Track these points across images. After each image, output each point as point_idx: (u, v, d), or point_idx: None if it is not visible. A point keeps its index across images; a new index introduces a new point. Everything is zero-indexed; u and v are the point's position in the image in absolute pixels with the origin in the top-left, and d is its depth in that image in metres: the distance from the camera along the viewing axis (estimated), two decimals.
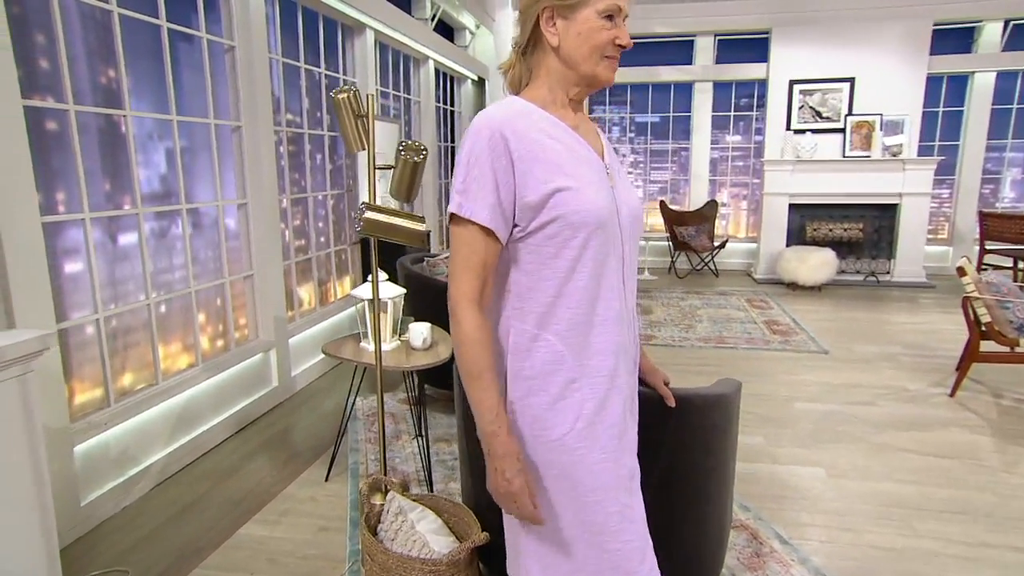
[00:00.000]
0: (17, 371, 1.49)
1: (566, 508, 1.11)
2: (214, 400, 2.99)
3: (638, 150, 7.99)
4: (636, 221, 1.17)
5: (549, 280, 1.07)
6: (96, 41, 2.42)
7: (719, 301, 6.02)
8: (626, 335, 1.14)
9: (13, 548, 1.49)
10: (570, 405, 1.08)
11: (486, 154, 1.03)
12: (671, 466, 1.57)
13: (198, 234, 3.04)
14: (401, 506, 1.76)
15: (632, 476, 1.15)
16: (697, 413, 1.56)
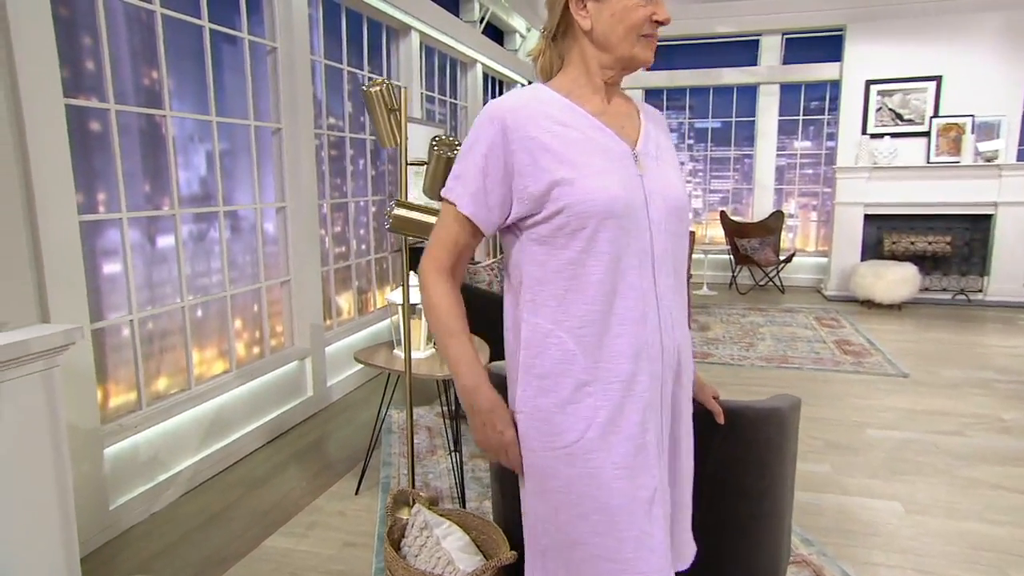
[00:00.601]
0: (42, 365, 1.54)
1: (573, 527, 1.06)
2: (247, 408, 3.05)
3: (697, 157, 7.84)
4: (674, 214, 1.11)
5: (560, 272, 1.05)
6: (140, 42, 2.54)
7: (784, 319, 5.80)
8: (652, 339, 1.07)
9: (32, 543, 1.53)
10: (581, 411, 1.04)
11: (483, 142, 1.06)
12: (717, 483, 1.49)
13: (236, 238, 3.13)
14: (427, 520, 1.73)
15: (653, 501, 1.07)
16: (748, 427, 1.48)
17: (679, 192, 1.13)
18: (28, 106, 1.96)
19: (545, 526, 1.09)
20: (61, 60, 2.13)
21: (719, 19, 7.10)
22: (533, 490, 1.10)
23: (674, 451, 1.17)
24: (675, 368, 1.13)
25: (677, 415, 1.16)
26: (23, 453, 1.50)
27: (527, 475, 1.10)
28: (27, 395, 1.51)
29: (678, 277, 1.15)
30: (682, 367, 1.14)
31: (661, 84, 7.58)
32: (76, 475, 2.18)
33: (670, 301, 1.10)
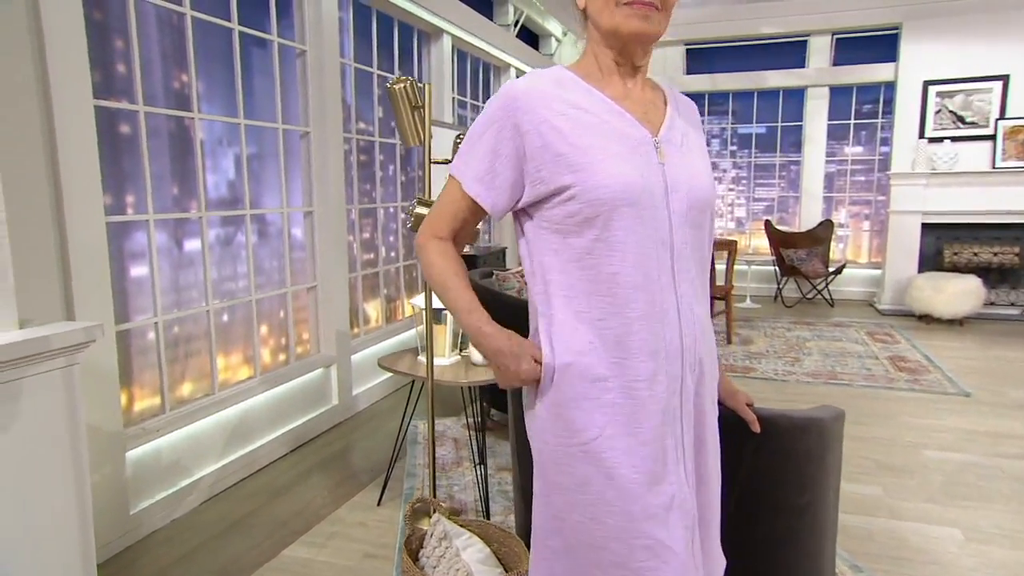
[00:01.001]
0: (63, 362, 1.58)
1: (586, 529, 1.04)
2: (271, 415, 3.09)
3: (741, 164, 7.72)
4: (697, 205, 1.08)
5: (575, 263, 1.04)
6: (170, 45, 2.61)
7: (833, 333, 5.63)
8: (671, 336, 1.04)
9: (49, 543, 1.55)
10: (599, 407, 1.02)
11: (494, 123, 1.05)
12: (750, 497, 1.43)
13: (263, 243, 3.19)
14: (446, 531, 1.71)
15: (671, 508, 1.04)
16: (785, 437, 1.42)
17: (704, 183, 1.10)
18: (58, 107, 2.03)
19: (557, 526, 1.07)
20: (93, 63, 2.21)
21: (764, 20, 7.01)
22: (546, 487, 1.08)
23: (700, 455, 1.13)
24: (696, 368, 1.10)
25: (700, 418, 1.13)
26: (42, 451, 1.54)
27: (540, 471, 1.09)
28: (47, 392, 1.55)
29: (701, 272, 1.12)
30: (704, 367, 1.11)
31: (702, 88, 7.50)
32: (98, 478, 2.22)
33: (691, 297, 1.08)
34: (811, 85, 7.13)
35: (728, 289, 5.20)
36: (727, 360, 4.77)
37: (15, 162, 1.94)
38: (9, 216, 1.92)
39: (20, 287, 1.96)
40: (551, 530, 1.08)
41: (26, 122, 1.97)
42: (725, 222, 7.87)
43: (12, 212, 1.94)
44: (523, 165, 1.04)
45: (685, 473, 1.08)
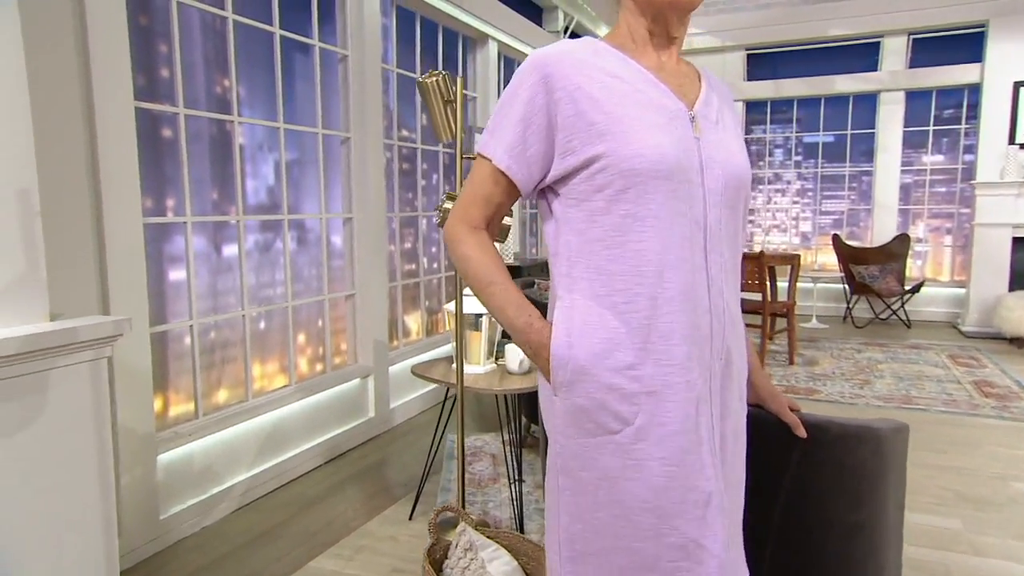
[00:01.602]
0: (91, 355, 1.64)
1: (612, 528, 1.01)
2: (305, 425, 3.13)
3: (806, 175, 7.52)
4: (733, 184, 1.06)
5: (601, 241, 1.02)
6: (212, 49, 2.73)
7: (909, 355, 5.38)
8: (701, 321, 1.02)
9: (70, 533, 1.60)
10: (625, 396, 1.00)
11: (523, 91, 1.04)
12: (793, 512, 1.36)
13: (302, 249, 3.26)
14: (472, 541, 1.68)
15: (708, 505, 1.00)
16: (836, 446, 1.35)
17: (740, 162, 1.08)
18: (100, 107, 2.13)
19: (581, 527, 1.04)
20: (136, 67, 2.32)
21: (833, 21, 6.85)
22: (568, 484, 1.05)
23: (722, 453, 1.09)
24: (724, 356, 1.06)
25: (725, 412, 1.08)
26: (68, 443, 1.59)
27: (562, 468, 1.06)
28: (75, 384, 1.61)
29: (733, 257, 1.10)
30: (732, 357, 1.08)
31: (765, 95, 7.37)
32: (128, 480, 2.29)
33: (721, 282, 1.05)
34: (885, 89, 6.91)
35: (790, 305, 5.04)
36: (788, 381, 4.61)
37: (57, 161, 2.05)
38: (49, 214, 2.03)
39: (57, 284, 2.06)
40: (576, 532, 1.05)
41: (69, 121, 2.08)
42: (789, 237, 7.66)
43: (52, 210, 2.04)
44: (554, 136, 1.03)
45: (719, 473, 1.04)
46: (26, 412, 1.51)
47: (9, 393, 1.47)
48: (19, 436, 1.49)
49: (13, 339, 1.44)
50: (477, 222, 1.10)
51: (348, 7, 3.38)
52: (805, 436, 1.32)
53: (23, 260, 1.57)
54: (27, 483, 1.51)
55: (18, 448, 1.49)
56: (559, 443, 1.06)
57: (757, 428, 1.40)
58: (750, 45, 7.33)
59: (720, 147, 1.06)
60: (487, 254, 1.09)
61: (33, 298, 1.59)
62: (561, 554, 1.07)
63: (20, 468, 1.49)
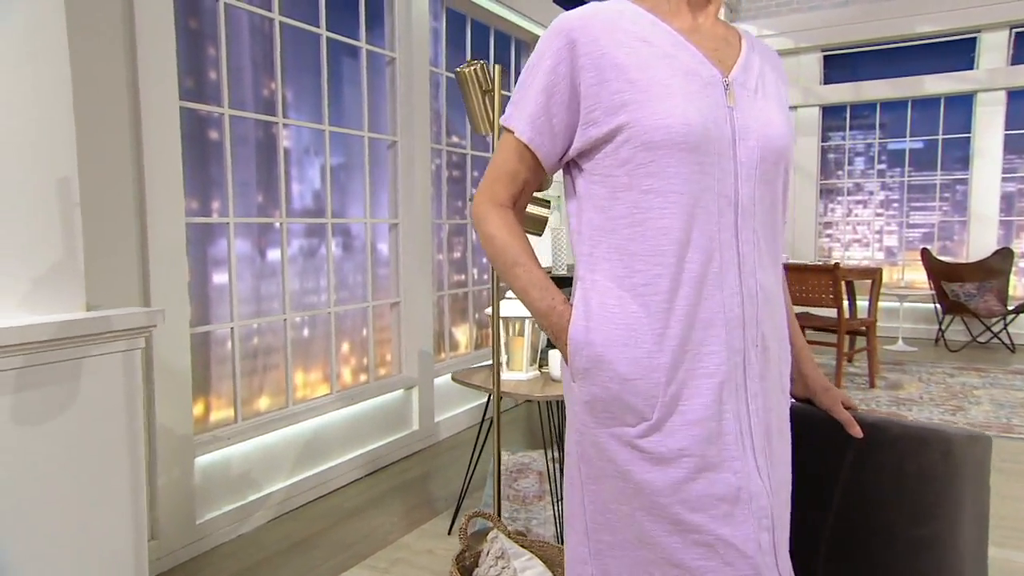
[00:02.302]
0: (124, 345, 1.71)
1: (632, 524, 0.99)
2: (345, 435, 3.18)
3: (891, 185, 7.24)
4: (771, 158, 1.03)
5: (623, 219, 1.01)
6: (259, 50, 2.85)
7: (1011, 381, 5.06)
8: (731, 303, 0.99)
9: (98, 524, 1.67)
10: (642, 383, 0.98)
11: (546, 60, 1.04)
12: (847, 524, 1.29)
13: (347, 256, 3.34)
14: (504, 549, 1.67)
15: (736, 501, 0.97)
16: (893, 449, 1.27)
17: (780, 132, 1.05)
18: (146, 105, 2.25)
19: (607, 519, 1.02)
20: (182, 67, 2.45)
21: (921, 16, 6.63)
22: (590, 474, 1.04)
23: (768, 452, 1.04)
24: (760, 344, 1.02)
25: (767, 404, 1.04)
26: (100, 433, 1.66)
27: (582, 456, 1.05)
28: (108, 374, 1.68)
29: (770, 236, 1.06)
30: (768, 344, 1.04)
31: (843, 99, 7.16)
32: (166, 480, 2.37)
33: (754, 262, 1.02)
34: (982, 90, 6.62)
35: (870, 323, 4.83)
36: (868, 405, 4.40)
37: (102, 158, 2.17)
38: (93, 211, 2.14)
39: (99, 281, 2.17)
40: (601, 523, 1.04)
41: (115, 119, 2.20)
42: (872, 252, 7.37)
43: (96, 207, 2.15)
44: (578, 105, 1.03)
45: (758, 467, 1.00)
46: (59, 400, 1.58)
47: (43, 379, 1.55)
48: (52, 423, 1.57)
49: (48, 325, 1.52)
50: (503, 200, 1.10)
51: (396, 9, 3.48)
52: (860, 435, 1.26)
53: (61, 249, 1.66)
54: (57, 470, 1.58)
55: (50, 435, 1.56)
56: (578, 431, 1.05)
57: (806, 426, 1.35)
58: (827, 46, 7.16)
59: (757, 116, 1.03)
60: (512, 234, 1.09)
61: (70, 287, 1.68)
62: (589, 547, 1.05)
63: (51, 454, 1.57)
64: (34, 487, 1.53)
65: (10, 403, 1.49)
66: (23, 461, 1.51)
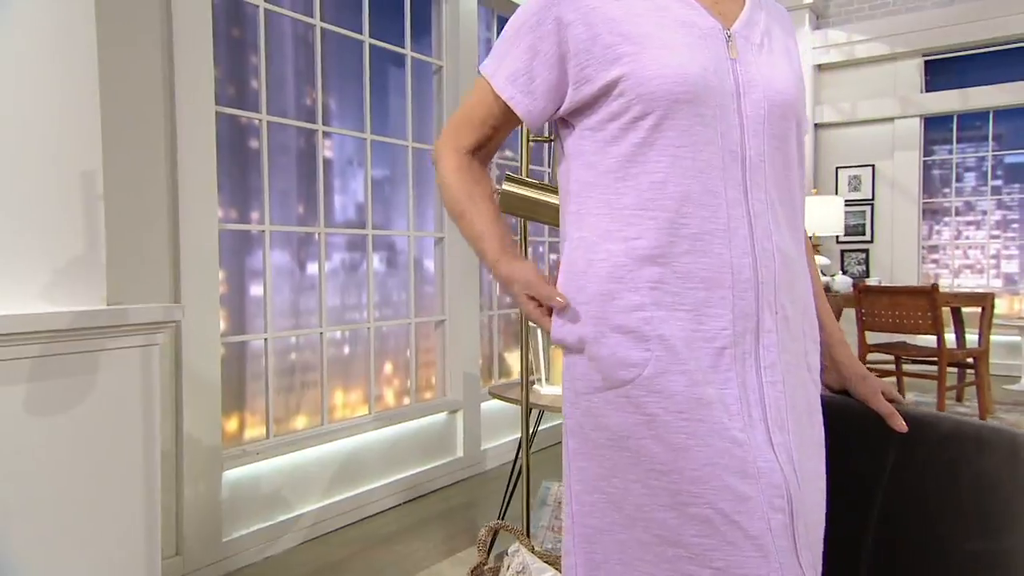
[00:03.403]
0: (141, 340, 1.81)
1: (626, 497, 0.99)
2: (384, 458, 3.23)
3: (1009, 203, 6.87)
4: (779, 112, 1.04)
5: (612, 173, 1.02)
6: (299, 58, 3.01)
7: None
8: (741, 264, 0.98)
9: (108, 524, 1.75)
10: (635, 341, 0.98)
11: (532, 16, 1.07)
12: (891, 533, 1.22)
13: (391, 272, 3.44)
14: (526, 563, 1.66)
15: (743, 473, 0.95)
16: (944, 449, 1.21)
17: (787, 86, 1.06)
18: (181, 109, 2.41)
19: (594, 499, 1.02)
20: (225, 76, 2.61)
21: None
22: (580, 448, 1.04)
23: (797, 437, 1.02)
24: (779, 312, 1.01)
25: (790, 380, 1.01)
26: (114, 428, 1.75)
27: (572, 429, 1.05)
28: (125, 369, 1.78)
29: (786, 197, 1.06)
30: (789, 314, 1.03)
31: (949, 108, 6.90)
32: (192, 493, 2.46)
33: (769, 221, 1.01)
34: None
35: (979, 353, 4.57)
36: None
37: (137, 161, 2.32)
38: (126, 216, 2.29)
39: (130, 285, 2.31)
40: (589, 505, 1.03)
41: (151, 123, 2.35)
42: (987, 279, 7.00)
43: (129, 212, 2.30)
44: (566, 65, 1.04)
45: (773, 445, 0.97)
46: (74, 392, 1.68)
47: (58, 370, 1.65)
48: (66, 415, 1.67)
49: (63, 314, 1.63)
50: (466, 145, 1.14)
51: (444, 16, 3.61)
52: (904, 429, 1.20)
53: (83, 242, 1.78)
54: (69, 462, 1.67)
55: (63, 427, 1.66)
56: (570, 401, 1.05)
57: (840, 420, 1.30)
58: (928, 50, 6.94)
59: (762, 70, 1.04)
60: (465, 180, 1.13)
61: (91, 280, 1.80)
62: (574, 535, 1.04)
63: (63, 447, 1.66)
64: (43, 479, 1.62)
65: (24, 392, 1.59)
66: (34, 451, 1.60)
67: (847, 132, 7.40)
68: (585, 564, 1.03)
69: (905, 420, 1.21)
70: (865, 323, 4.82)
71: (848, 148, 7.40)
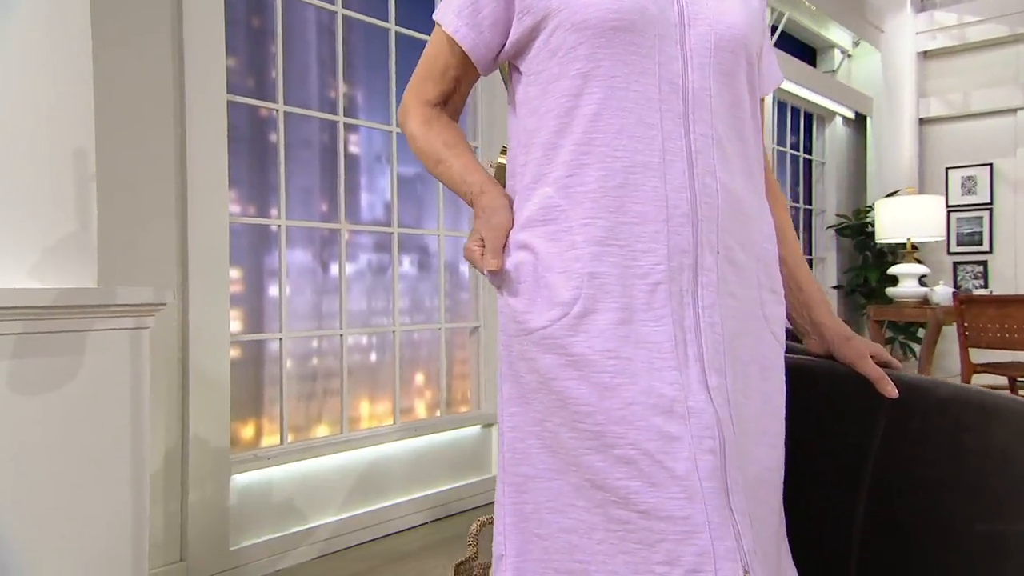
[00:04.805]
0: (130, 323, 1.95)
1: (556, 441, 1.04)
2: (409, 472, 3.30)
3: None
4: (726, 45, 1.09)
5: (551, 112, 1.08)
6: (320, 47, 3.18)
7: None
8: (676, 200, 1.03)
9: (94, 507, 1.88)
10: (564, 278, 1.04)
11: None
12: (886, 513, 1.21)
13: (423, 275, 3.54)
14: None
15: (670, 412, 0.99)
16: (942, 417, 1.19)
17: (738, 21, 1.11)
18: (191, 96, 2.58)
19: (526, 445, 1.07)
20: (244, 66, 2.79)
21: None
22: (513, 392, 1.10)
23: (735, 378, 1.05)
24: (722, 252, 1.06)
25: (732, 327, 1.05)
26: (101, 412, 1.89)
27: (506, 374, 1.11)
28: (113, 352, 1.92)
29: (737, 140, 1.11)
30: (737, 258, 1.08)
31: None
32: (197, 497, 2.59)
33: (712, 158, 1.06)
34: None
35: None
36: None
37: (145, 149, 2.50)
38: (132, 207, 2.47)
39: (135, 277, 2.47)
40: (521, 452, 1.08)
41: (160, 109, 2.53)
42: None
43: (136, 202, 2.48)
44: None
45: (709, 387, 1.01)
46: (60, 371, 1.83)
47: (43, 349, 1.80)
48: (52, 395, 1.81)
49: (48, 291, 1.78)
50: (431, 97, 1.22)
51: None
52: (895, 394, 1.20)
53: (75, 221, 1.94)
54: (53, 442, 1.81)
55: (48, 406, 1.80)
56: (504, 344, 1.12)
57: (826, 384, 1.30)
58: None
59: (711, 4, 1.09)
60: (432, 130, 1.20)
61: (82, 260, 1.95)
62: (506, 482, 1.09)
63: (48, 427, 1.80)
64: (25, 458, 1.76)
65: (7, 368, 1.74)
66: (17, 429, 1.75)
67: (959, 127, 7.15)
68: (514, 514, 1.08)
69: (900, 388, 1.21)
70: (968, 339, 4.63)
71: (960, 146, 7.14)
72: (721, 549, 0.94)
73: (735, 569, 0.94)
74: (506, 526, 1.09)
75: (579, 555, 1.02)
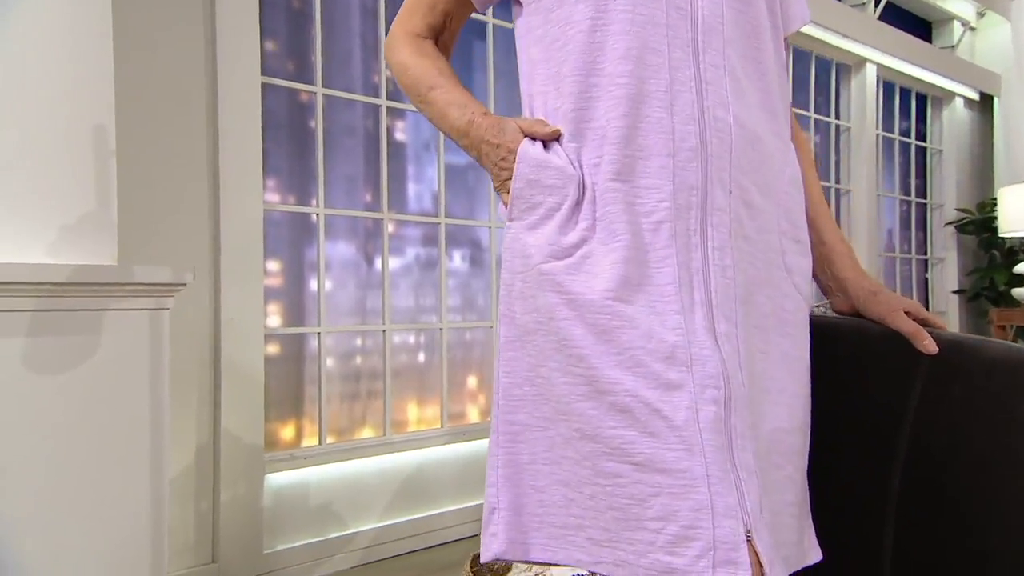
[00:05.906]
0: (150, 303, 2.05)
1: (552, 386, 1.05)
2: (458, 480, 3.33)
3: None
4: None
5: (556, 40, 1.11)
6: (370, 34, 3.27)
7: None
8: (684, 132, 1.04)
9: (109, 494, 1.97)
10: (565, 213, 1.07)
11: None
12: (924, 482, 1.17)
13: (475, 271, 3.58)
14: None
15: (671, 359, 0.98)
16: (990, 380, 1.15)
17: None
18: (223, 77, 2.70)
19: (523, 393, 1.09)
20: (282, 48, 2.91)
21: None
22: (510, 335, 1.11)
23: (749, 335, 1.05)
24: (735, 192, 1.06)
25: (748, 274, 1.07)
26: (119, 394, 1.99)
27: (504, 314, 1.13)
28: (131, 332, 2.02)
29: (754, 71, 1.12)
30: (754, 200, 1.09)
31: None
32: (230, 497, 2.69)
33: (724, 91, 1.07)
34: None
35: None
36: None
37: (176, 134, 2.63)
38: (163, 193, 2.59)
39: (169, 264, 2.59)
40: (516, 400, 1.10)
41: (192, 92, 2.66)
42: None
43: (167, 188, 2.60)
44: None
45: (716, 333, 1.01)
46: (76, 351, 1.93)
47: (58, 327, 1.91)
48: (68, 374, 1.92)
49: (63, 267, 1.89)
50: (420, 30, 1.23)
51: None
52: (934, 350, 1.16)
53: (94, 199, 2.06)
54: (69, 424, 1.91)
55: (65, 386, 1.91)
56: (505, 283, 1.13)
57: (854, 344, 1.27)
58: None
59: None
60: (427, 58, 1.21)
61: (100, 239, 2.06)
62: (499, 431, 1.11)
63: (64, 405, 1.90)
64: (39, 437, 1.87)
65: (22, 345, 1.85)
66: (31, 408, 1.86)
67: None
68: (508, 464, 1.09)
69: (943, 346, 1.17)
70: None
71: None
72: (720, 505, 0.93)
73: (735, 527, 0.93)
74: (499, 477, 1.10)
75: (574, 509, 1.03)
